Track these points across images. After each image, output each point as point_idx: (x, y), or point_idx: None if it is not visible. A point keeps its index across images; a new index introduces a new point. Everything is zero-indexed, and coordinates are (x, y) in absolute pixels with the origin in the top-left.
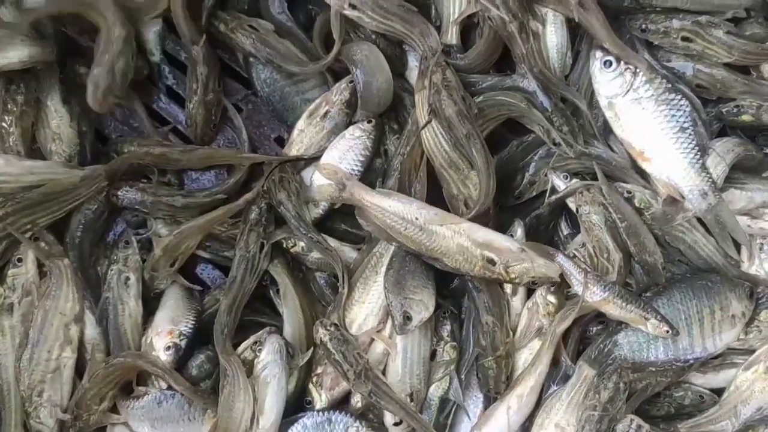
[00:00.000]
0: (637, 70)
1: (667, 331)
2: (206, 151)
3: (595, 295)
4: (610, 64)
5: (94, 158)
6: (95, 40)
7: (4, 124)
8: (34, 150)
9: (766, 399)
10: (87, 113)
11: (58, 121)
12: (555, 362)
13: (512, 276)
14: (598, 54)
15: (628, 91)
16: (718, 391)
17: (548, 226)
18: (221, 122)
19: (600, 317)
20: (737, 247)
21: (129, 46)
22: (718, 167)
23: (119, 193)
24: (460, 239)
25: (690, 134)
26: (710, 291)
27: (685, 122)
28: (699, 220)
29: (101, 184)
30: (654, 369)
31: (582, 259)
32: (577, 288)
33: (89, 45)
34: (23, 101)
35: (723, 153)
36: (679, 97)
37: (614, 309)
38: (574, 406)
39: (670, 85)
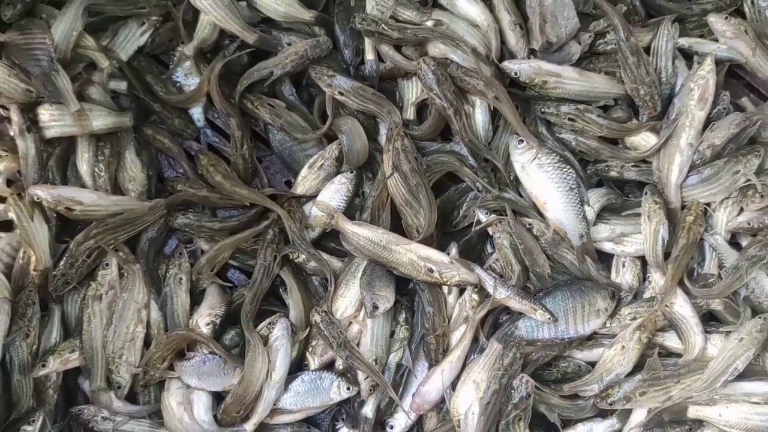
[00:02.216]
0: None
1: (549, 318)
2: (235, 192)
3: (501, 295)
4: (522, 142)
5: (157, 194)
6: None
7: (96, 170)
8: (116, 188)
9: (623, 368)
10: (152, 163)
11: (132, 168)
12: (475, 339)
13: (445, 280)
14: (514, 136)
15: (533, 160)
16: (592, 363)
17: (476, 247)
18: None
19: (506, 310)
20: (608, 264)
21: None
22: (591, 212)
23: (174, 219)
24: (410, 255)
25: (576, 193)
26: (582, 292)
27: (572, 184)
28: None
29: (162, 212)
30: (542, 344)
31: (494, 270)
32: (489, 289)
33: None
34: (109, 154)
35: (596, 199)
36: (568, 167)
37: (514, 303)
38: (487, 369)
39: (562, 158)
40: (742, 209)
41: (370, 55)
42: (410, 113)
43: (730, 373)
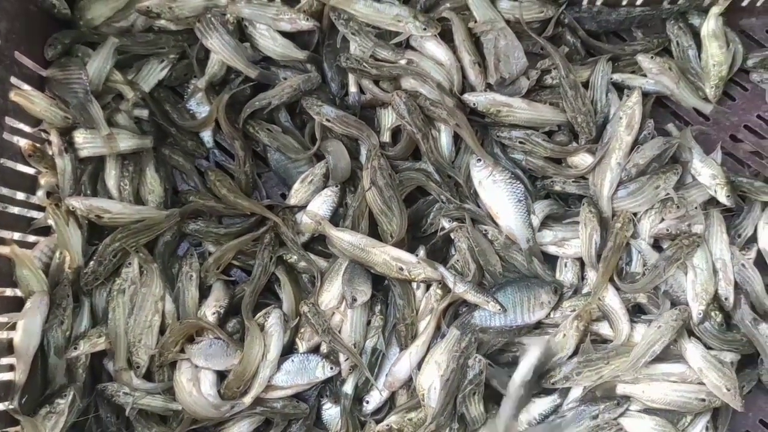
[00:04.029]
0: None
1: (500, 309)
2: (238, 203)
3: (459, 289)
4: (480, 161)
5: (172, 204)
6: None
7: (122, 184)
8: (138, 199)
9: (563, 353)
10: (168, 178)
11: (152, 182)
12: (438, 327)
13: (413, 277)
14: (473, 156)
15: (489, 176)
16: None
17: (442, 250)
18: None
19: (465, 302)
20: (554, 264)
21: None
22: (536, 220)
23: (186, 225)
24: (384, 256)
25: (523, 204)
26: (528, 287)
27: (521, 197)
28: None
29: (176, 220)
30: (494, 331)
31: (455, 268)
32: (450, 285)
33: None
34: (132, 171)
35: (540, 209)
36: (518, 182)
37: (471, 297)
38: (447, 351)
39: (513, 175)
40: (663, 218)
41: (353, 88)
42: (386, 137)
43: (649, 356)
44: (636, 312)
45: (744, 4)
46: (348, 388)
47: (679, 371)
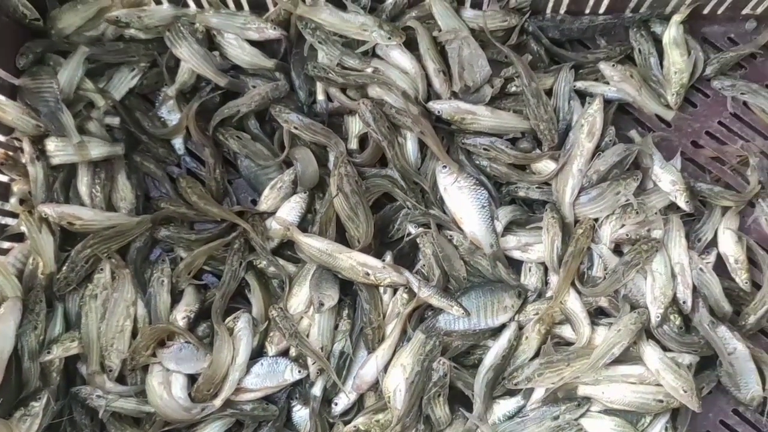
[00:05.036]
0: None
1: (463, 313)
2: (208, 209)
3: (424, 294)
4: (445, 167)
5: (144, 210)
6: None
7: (93, 191)
8: (110, 206)
9: (525, 355)
10: (140, 185)
11: (124, 189)
12: (404, 331)
13: (379, 282)
14: (439, 163)
15: (454, 182)
16: None
17: (409, 255)
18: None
19: (430, 306)
20: (519, 269)
21: None
22: (500, 225)
23: (158, 231)
24: (351, 261)
25: (487, 210)
26: (492, 292)
27: (484, 202)
28: None
29: (148, 226)
30: (458, 335)
31: (421, 273)
32: (415, 289)
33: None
34: (104, 178)
35: (504, 215)
36: (482, 188)
37: (435, 301)
38: (412, 354)
39: (478, 181)
40: (623, 224)
41: (320, 96)
42: (354, 144)
43: (609, 357)
44: (598, 315)
45: (705, 12)
46: (317, 390)
47: (638, 373)
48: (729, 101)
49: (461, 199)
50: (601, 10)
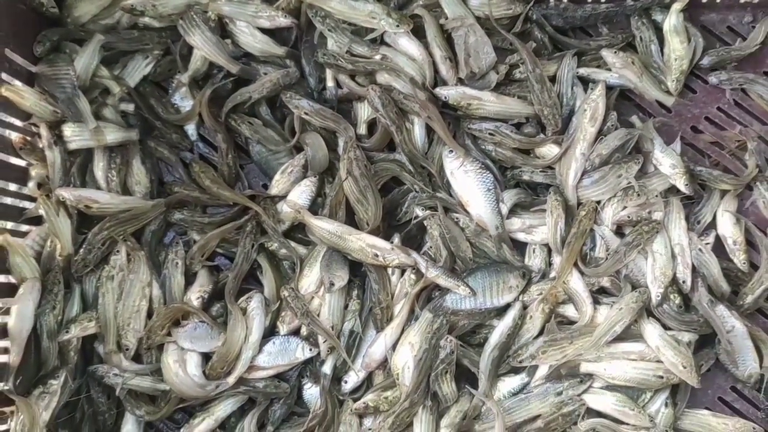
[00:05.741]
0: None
1: (470, 293)
2: (221, 193)
3: (432, 274)
4: (452, 152)
5: (158, 194)
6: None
7: (109, 176)
8: (125, 190)
9: (530, 333)
10: (154, 170)
11: (138, 174)
12: (412, 310)
13: (387, 263)
14: (446, 147)
15: (460, 166)
16: None
17: (416, 237)
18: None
19: (437, 286)
20: (523, 251)
21: None
22: (505, 208)
23: (172, 215)
24: (360, 243)
25: (492, 193)
26: (498, 272)
27: (490, 186)
28: None
29: (162, 210)
30: (464, 314)
31: (428, 254)
32: (423, 270)
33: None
34: (120, 162)
35: (508, 198)
36: (487, 172)
37: (442, 281)
38: (420, 333)
39: (483, 165)
40: (625, 206)
41: (330, 83)
42: (362, 129)
43: (610, 335)
44: (600, 294)
45: (704, 0)
46: (327, 368)
47: (639, 350)
48: (728, 92)
49: (467, 182)
50: None
